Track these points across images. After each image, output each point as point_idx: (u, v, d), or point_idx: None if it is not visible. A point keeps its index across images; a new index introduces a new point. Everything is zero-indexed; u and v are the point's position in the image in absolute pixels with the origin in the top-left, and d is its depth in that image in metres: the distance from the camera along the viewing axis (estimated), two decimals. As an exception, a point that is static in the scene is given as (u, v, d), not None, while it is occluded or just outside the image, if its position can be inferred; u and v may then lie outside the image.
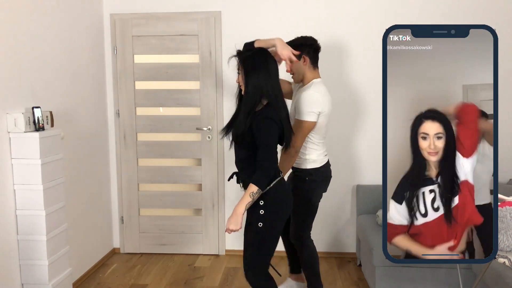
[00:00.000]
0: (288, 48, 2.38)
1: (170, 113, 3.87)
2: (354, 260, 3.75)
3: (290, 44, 2.60)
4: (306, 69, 2.63)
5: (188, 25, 3.74)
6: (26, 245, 2.60)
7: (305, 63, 2.62)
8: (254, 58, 2.28)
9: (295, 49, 2.57)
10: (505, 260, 2.40)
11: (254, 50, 2.36)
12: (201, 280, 3.41)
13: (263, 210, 2.23)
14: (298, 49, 2.56)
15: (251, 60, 2.28)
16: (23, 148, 2.53)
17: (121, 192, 3.94)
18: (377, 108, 3.64)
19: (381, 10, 3.58)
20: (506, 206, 2.66)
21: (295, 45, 2.58)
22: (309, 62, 2.62)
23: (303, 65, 2.62)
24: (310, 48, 2.63)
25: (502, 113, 2.80)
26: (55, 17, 3.01)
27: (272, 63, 2.29)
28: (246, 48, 2.46)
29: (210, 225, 3.91)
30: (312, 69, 2.64)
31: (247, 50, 2.40)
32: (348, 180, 3.75)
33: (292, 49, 2.40)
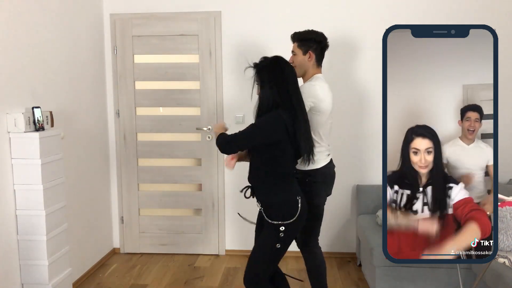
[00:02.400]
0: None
1: (170, 113, 3.87)
2: (354, 260, 3.75)
3: (298, 35, 2.53)
4: (310, 65, 2.55)
5: (188, 25, 3.74)
6: (26, 245, 2.60)
7: (310, 59, 2.54)
8: (268, 69, 2.25)
9: (301, 43, 2.52)
10: (505, 260, 2.41)
11: (269, 60, 2.30)
12: (201, 280, 3.41)
13: (283, 234, 2.22)
14: (305, 43, 2.51)
15: (265, 72, 2.24)
16: (23, 148, 2.53)
17: (121, 192, 3.94)
18: (377, 108, 3.64)
19: (381, 10, 3.58)
20: (506, 206, 2.67)
21: (303, 39, 2.52)
22: (314, 59, 2.54)
23: (308, 60, 2.53)
24: (319, 45, 2.54)
25: (502, 113, 2.80)
26: (55, 17, 3.01)
27: (288, 71, 2.25)
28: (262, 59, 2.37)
29: (210, 225, 3.91)
30: (316, 66, 2.57)
31: (262, 60, 2.32)
32: (348, 180, 3.75)
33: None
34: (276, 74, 2.22)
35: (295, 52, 2.56)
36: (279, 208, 2.22)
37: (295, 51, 2.56)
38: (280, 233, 2.21)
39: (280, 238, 2.22)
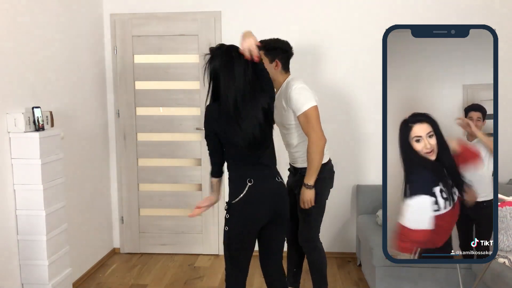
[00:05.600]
0: (250, 40, 2.11)
1: (170, 113, 3.87)
2: (354, 260, 3.75)
3: (265, 43, 2.51)
4: (277, 73, 2.55)
5: (188, 25, 3.74)
6: (26, 245, 2.60)
7: (277, 68, 2.54)
8: (209, 61, 2.16)
9: (268, 52, 2.50)
10: (505, 260, 2.40)
11: (219, 50, 2.15)
12: (201, 280, 3.41)
13: (228, 215, 2.16)
14: (271, 52, 2.51)
15: (211, 65, 2.15)
16: (23, 148, 2.52)
17: (121, 192, 3.94)
18: (377, 108, 3.63)
19: (382, 10, 3.58)
20: (506, 206, 2.66)
21: (269, 48, 2.51)
22: (280, 67, 2.55)
23: (275, 69, 2.53)
24: (284, 54, 2.56)
25: (502, 113, 2.79)
26: (55, 17, 3.01)
27: (237, 64, 2.09)
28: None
29: (210, 225, 3.91)
30: (283, 73, 2.58)
31: (211, 50, 2.17)
32: (348, 180, 3.75)
33: (255, 39, 2.13)
34: (213, 66, 2.14)
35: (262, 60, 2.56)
36: (229, 189, 2.19)
37: (262, 59, 2.55)
38: (226, 215, 2.15)
39: (226, 221, 2.15)
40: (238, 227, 2.14)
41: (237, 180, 2.16)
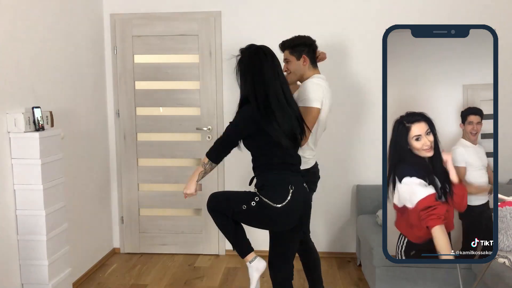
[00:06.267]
0: (190, 186, 2.39)
1: (170, 113, 3.87)
2: (354, 260, 3.75)
3: (288, 43, 2.55)
4: (306, 69, 2.56)
5: (188, 25, 3.74)
6: (26, 245, 2.60)
7: (305, 63, 2.55)
8: (244, 61, 2.20)
9: (293, 50, 2.52)
10: (505, 260, 2.40)
11: (248, 51, 2.22)
12: (201, 280, 3.41)
13: (255, 203, 2.16)
14: (297, 49, 2.52)
15: (242, 64, 2.20)
16: (23, 148, 2.52)
17: (121, 192, 3.94)
18: (377, 108, 3.64)
19: (382, 10, 3.58)
20: (506, 206, 2.67)
21: (293, 45, 2.53)
22: (309, 62, 2.56)
23: (303, 65, 2.55)
24: (310, 48, 2.57)
25: (502, 113, 2.79)
26: (55, 17, 3.01)
27: (266, 64, 2.15)
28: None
29: (210, 225, 3.91)
30: (312, 68, 2.58)
31: (241, 51, 2.25)
32: (348, 180, 3.75)
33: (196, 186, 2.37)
34: (251, 66, 2.17)
35: (289, 59, 2.57)
36: (269, 188, 2.16)
37: (288, 58, 2.57)
38: (252, 202, 2.14)
39: (250, 205, 2.14)
40: (253, 217, 2.20)
41: (278, 183, 2.16)
